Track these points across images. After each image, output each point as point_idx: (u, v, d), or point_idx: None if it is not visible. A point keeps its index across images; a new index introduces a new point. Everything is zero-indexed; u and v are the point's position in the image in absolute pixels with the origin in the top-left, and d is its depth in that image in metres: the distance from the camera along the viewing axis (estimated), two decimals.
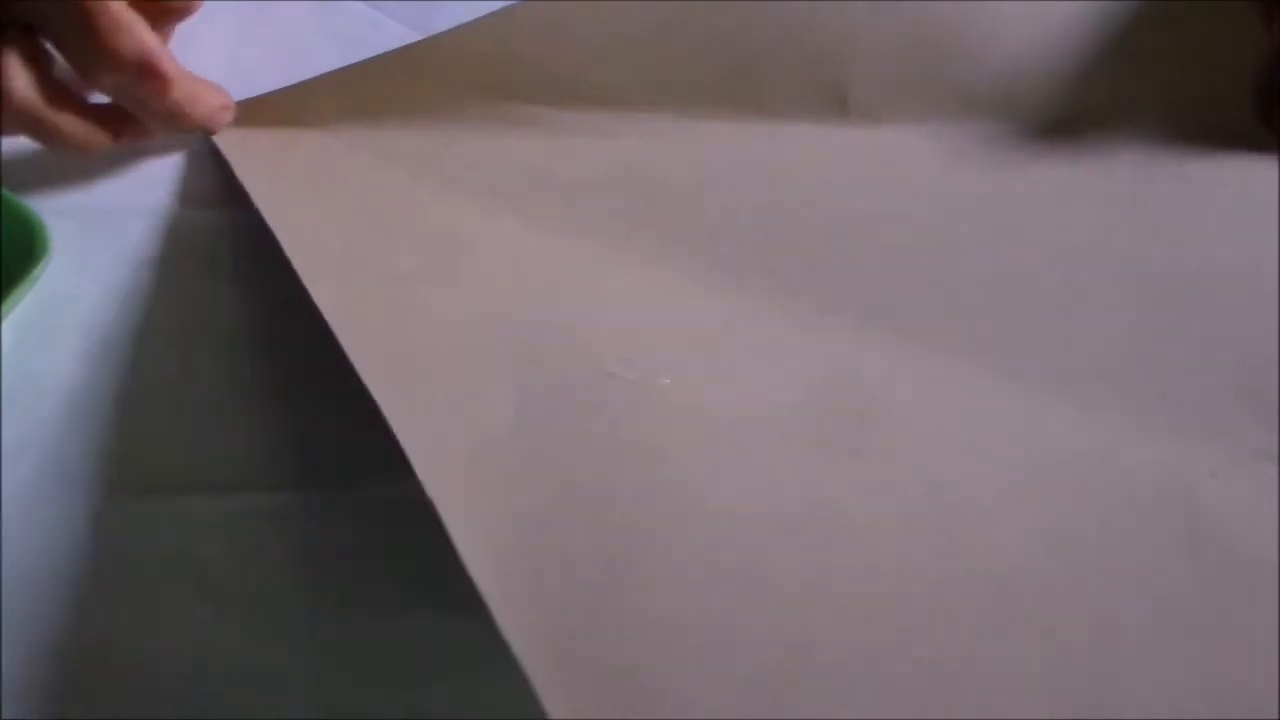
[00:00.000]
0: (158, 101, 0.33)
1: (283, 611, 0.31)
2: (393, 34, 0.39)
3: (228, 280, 0.34)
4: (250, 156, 0.36)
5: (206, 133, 0.36)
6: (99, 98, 0.34)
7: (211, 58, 0.35)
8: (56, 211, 0.34)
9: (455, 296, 0.33)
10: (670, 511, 0.30)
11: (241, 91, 0.36)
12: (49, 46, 0.32)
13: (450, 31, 0.35)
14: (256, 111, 0.36)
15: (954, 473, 0.32)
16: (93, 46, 0.31)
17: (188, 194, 0.35)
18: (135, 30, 0.31)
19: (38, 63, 0.32)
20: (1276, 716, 0.30)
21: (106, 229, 0.35)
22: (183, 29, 0.36)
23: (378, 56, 0.35)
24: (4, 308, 0.32)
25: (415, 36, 0.38)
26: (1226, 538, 0.32)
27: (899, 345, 0.34)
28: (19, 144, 0.34)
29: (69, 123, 0.33)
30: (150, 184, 0.36)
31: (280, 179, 0.35)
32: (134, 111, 0.33)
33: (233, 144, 0.36)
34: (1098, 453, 0.33)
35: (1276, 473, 0.33)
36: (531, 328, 0.33)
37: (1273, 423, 0.34)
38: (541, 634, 0.27)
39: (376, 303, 0.33)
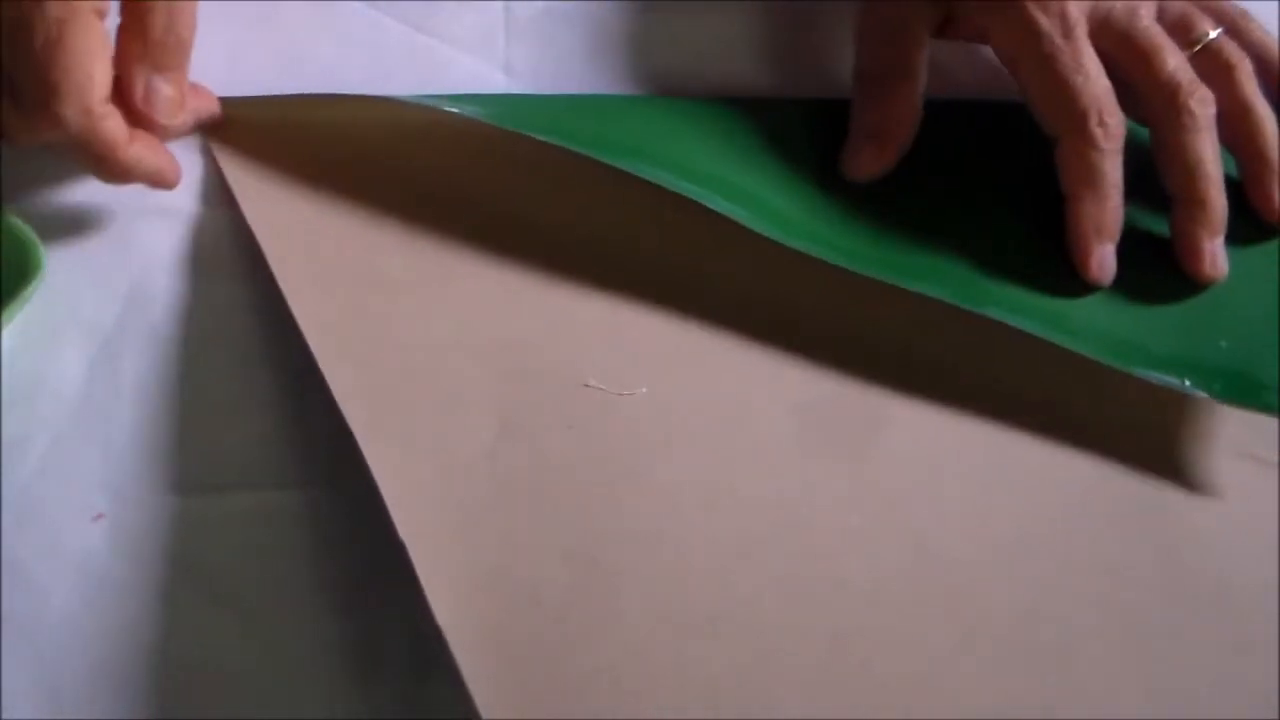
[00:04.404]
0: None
1: (285, 611, 0.31)
2: (393, 34, 0.39)
3: (231, 279, 0.34)
4: (240, 157, 0.36)
5: (202, 131, 0.36)
6: None
7: (211, 58, 0.34)
8: (57, 211, 0.34)
9: (437, 308, 0.33)
10: (638, 538, 0.31)
11: (241, 92, 0.36)
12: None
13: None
14: (253, 112, 0.36)
15: (927, 488, 0.32)
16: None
17: (191, 193, 0.35)
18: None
19: None
20: (1276, 717, 0.30)
21: (107, 228, 0.35)
22: None
23: (380, 96, 0.35)
24: None
25: (415, 36, 0.38)
26: (1198, 541, 0.32)
27: (879, 359, 0.34)
28: None
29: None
30: None
31: (268, 181, 0.35)
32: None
33: (224, 143, 0.36)
34: (1064, 454, 0.33)
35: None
36: (512, 340, 0.33)
37: (1254, 419, 0.34)
38: (505, 688, 0.28)
39: (357, 315, 0.33)
